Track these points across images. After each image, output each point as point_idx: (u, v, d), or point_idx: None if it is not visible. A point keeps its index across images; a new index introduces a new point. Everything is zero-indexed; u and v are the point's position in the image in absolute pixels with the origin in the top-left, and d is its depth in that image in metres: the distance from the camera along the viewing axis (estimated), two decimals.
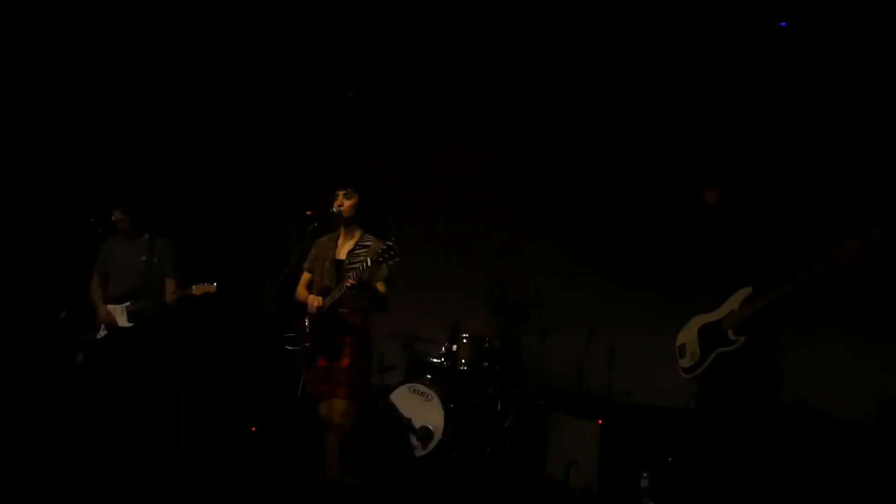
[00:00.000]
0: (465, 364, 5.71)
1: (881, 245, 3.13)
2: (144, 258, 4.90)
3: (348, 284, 3.65)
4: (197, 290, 4.74)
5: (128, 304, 4.85)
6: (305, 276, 4.15)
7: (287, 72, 6.89)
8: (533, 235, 6.66)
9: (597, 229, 6.38)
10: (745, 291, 3.66)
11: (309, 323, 3.92)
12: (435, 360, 5.88)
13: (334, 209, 3.97)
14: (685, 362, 3.91)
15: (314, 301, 3.89)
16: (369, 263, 3.60)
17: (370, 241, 3.95)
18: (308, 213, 4.10)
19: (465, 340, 5.79)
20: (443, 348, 5.87)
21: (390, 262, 3.58)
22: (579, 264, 6.40)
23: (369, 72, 6.88)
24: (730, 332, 3.65)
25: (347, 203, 3.97)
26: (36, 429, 4.79)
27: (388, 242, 3.55)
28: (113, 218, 4.95)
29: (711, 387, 3.78)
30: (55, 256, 5.95)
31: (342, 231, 4.07)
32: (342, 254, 3.99)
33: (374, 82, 7.07)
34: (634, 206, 6.28)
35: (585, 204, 6.47)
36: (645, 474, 4.26)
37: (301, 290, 4.13)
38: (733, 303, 3.69)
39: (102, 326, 4.87)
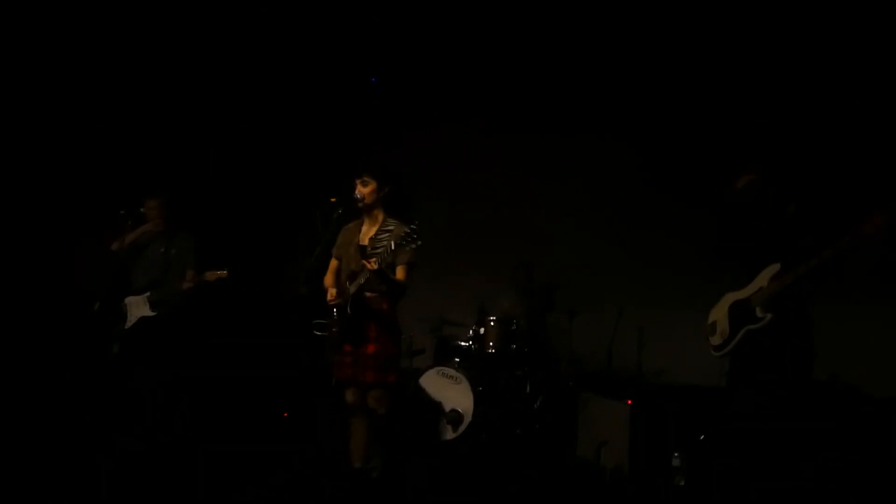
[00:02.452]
0: (493, 346, 5.71)
1: None
2: (163, 250, 5.16)
3: (370, 268, 3.66)
4: (210, 275, 5.03)
5: (148, 294, 5.08)
6: (333, 262, 4.20)
7: (312, 60, 6.90)
8: (560, 216, 6.62)
9: (624, 208, 6.32)
10: (773, 268, 3.63)
11: (336, 309, 3.98)
12: (463, 343, 5.89)
13: (356, 196, 4.01)
14: (715, 340, 3.89)
15: (330, 295, 4.04)
16: (392, 247, 3.61)
17: (392, 225, 3.97)
18: (332, 199, 4.15)
19: (492, 323, 5.79)
20: (471, 331, 5.88)
21: (413, 246, 3.58)
22: (607, 244, 6.35)
23: (393, 57, 6.86)
24: (757, 309, 3.63)
25: (366, 190, 3.99)
26: (76, 420, 4.93)
27: (410, 226, 3.56)
28: (148, 206, 5.18)
29: (742, 365, 3.76)
30: (87, 248, 6.07)
31: (365, 217, 4.09)
32: (365, 239, 4.02)
33: (397, 67, 7.04)
34: (663, 185, 6.20)
35: (613, 183, 6.40)
36: (676, 454, 4.25)
37: (328, 278, 4.20)
38: (762, 280, 3.67)
39: (128, 314, 5.05)
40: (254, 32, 6.33)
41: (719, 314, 3.92)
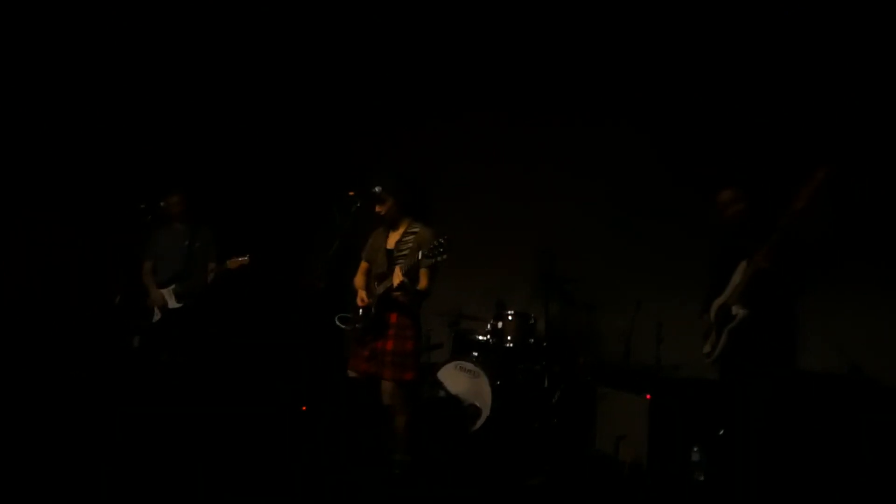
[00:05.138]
0: (511, 340, 5.72)
1: (832, 184, 3.35)
2: (187, 243, 5.25)
3: (394, 283, 3.82)
4: (231, 263, 5.13)
5: (174, 286, 5.20)
6: (363, 265, 4.34)
7: (328, 55, 6.92)
8: (578, 209, 6.58)
9: (643, 202, 6.26)
10: (742, 265, 3.71)
11: (362, 307, 4.12)
12: (481, 337, 5.90)
13: (378, 213, 4.14)
14: (706, 348, 3.95)
15: (359, 297, 4.15)
16: (420, 258, 3.71)
17: (417, 228, 4.09)
18: (350, 193, 4.20)
19: (510, 317, 5.79)
20: (488, 325, 5.88)
21: (438, 259, 3.68)
22: (625, 237, 6.30)
23: (408, 50, 6.86)
24: (733, 307, 3.67)
25: (385, 207, 4.10)
26: (97, 410, 4.99)
27: (440, 239, 3.66)
28: (169, 202, 5.28)
29: (726, 362, 3.80)
30: (109, 243, 6.15)
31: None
32: (392, 243, 4.14)
33: (413, 60, 7.05)
34: (682, 178, 6.15)
35: (631, 176, 6.35)
36: (695, 448, 4.23)
37: (358, 279, 4.32)
38: (735, 279, 3.72)
39: (156, 309, 5.13)
40: (271, 30, 6.37)
41: (710, 321, 3.95)
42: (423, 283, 3.99)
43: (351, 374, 4.15)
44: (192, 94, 6.94)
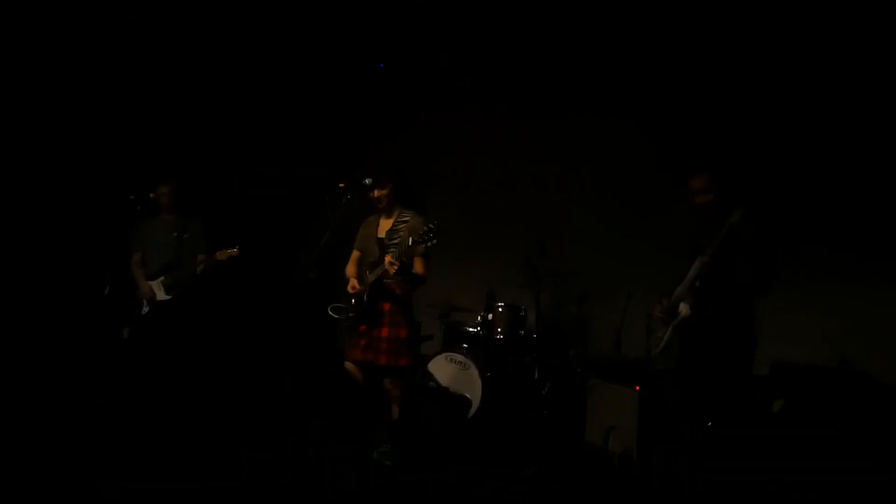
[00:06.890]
0: (501, 332, 5.72)
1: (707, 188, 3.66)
2: (176, 234, 5.24)
3: (390, 270, 3.87)
4: (221, 255, 5.12)
5: (163, 278, 5.20)
6: (355, 254, 4.40)
7: (326, 44, 6.87)
8: (570, 201, 6.58)
9: (635, 194, 6.27)
10: (697, 261, 3.74)
11: (354, 296, 4.17)
12: (471, 328, 5.90)
13: (375, 198, 4.17)
14: (655, 341, 3.96)
15: (350, 285, 4.21)
16: (410, 243, 3.82)
17: (408, 217, 4.16)
18: (341, 185, 4.21)
19: (500, 309, 5.79)
20: (479, 317, 5.88)
21: (429, 244, 3.78)
22: (617, 229, 6.31)
23: (402, 41, 6.82)
24: (680, 304, 3.70)
25: (383, 193, 4.15)
26: (86, 403, 4.96)
27: (429, 224, 3.76)
28: (158, 193, 5.25)
29: (681, 358, 3.83)
30: (98, 234, 6.10)
31: (383, 211, 4.26)
32: (383, 232, 4.20)
33: (406, 52, 7.01)
34: (673, 170, 6.14)
35: (623, 168, 6.35)
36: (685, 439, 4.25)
37: (350, 268, 4.38)
38: (690, 274, 3.79)
39: (145, 302, 5.11)
40: (267, 15, 6.30)
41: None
42: (418, 269, 4.07)
43: (347, 365, 4.16)
44: (184, 85, 6.88)
